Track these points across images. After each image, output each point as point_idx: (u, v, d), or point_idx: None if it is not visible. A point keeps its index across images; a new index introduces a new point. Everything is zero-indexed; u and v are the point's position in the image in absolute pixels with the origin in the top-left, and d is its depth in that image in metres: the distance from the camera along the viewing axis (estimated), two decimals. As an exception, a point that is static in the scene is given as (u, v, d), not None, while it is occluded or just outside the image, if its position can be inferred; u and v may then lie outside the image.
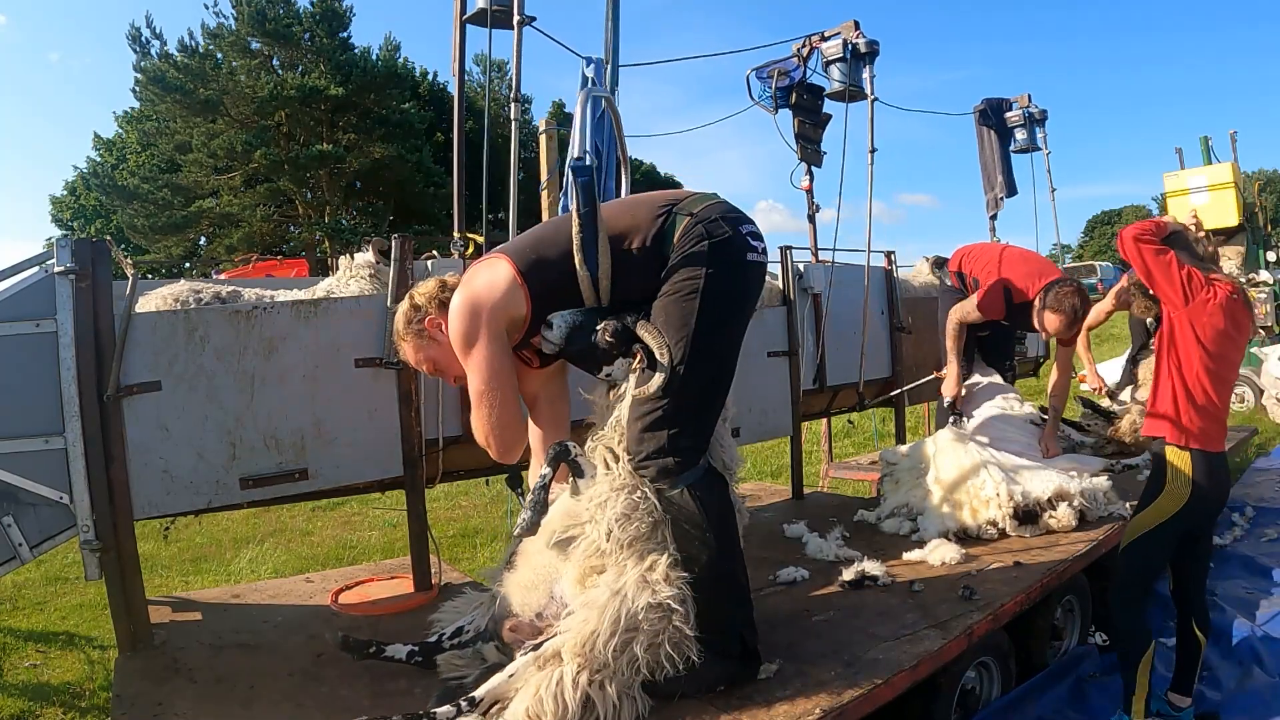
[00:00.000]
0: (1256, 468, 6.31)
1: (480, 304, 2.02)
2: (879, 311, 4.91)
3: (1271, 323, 9.75)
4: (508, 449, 2.13)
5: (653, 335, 1.98)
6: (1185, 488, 2.45)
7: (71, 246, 2.28)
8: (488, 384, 2.03)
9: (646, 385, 1.97)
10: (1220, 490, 2.55)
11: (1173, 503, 2.47)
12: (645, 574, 1.90)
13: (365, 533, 5.95)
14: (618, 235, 2.04)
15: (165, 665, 2.33)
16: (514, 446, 2.14)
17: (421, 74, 30.48)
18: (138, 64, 24.78)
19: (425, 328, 2.17)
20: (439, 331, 2.16)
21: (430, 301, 2.18)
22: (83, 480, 2.28)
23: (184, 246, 26.10)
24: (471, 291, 2.05)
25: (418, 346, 2.21)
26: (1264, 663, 3.00)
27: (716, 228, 2.02)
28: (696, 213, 2.04)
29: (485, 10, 3.14)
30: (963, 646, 2.35)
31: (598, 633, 1.82)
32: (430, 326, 2.17)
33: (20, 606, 4.56)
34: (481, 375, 2.04)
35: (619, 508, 1.93)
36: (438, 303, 2.16)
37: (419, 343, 2.20)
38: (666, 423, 1.96)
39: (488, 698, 1.85)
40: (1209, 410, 2.48)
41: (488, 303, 2.02)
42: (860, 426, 8.96)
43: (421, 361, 2.24)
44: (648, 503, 1.96)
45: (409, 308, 2.20)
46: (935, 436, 3.71)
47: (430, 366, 2.24)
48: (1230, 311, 2.47)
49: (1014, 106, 6.19)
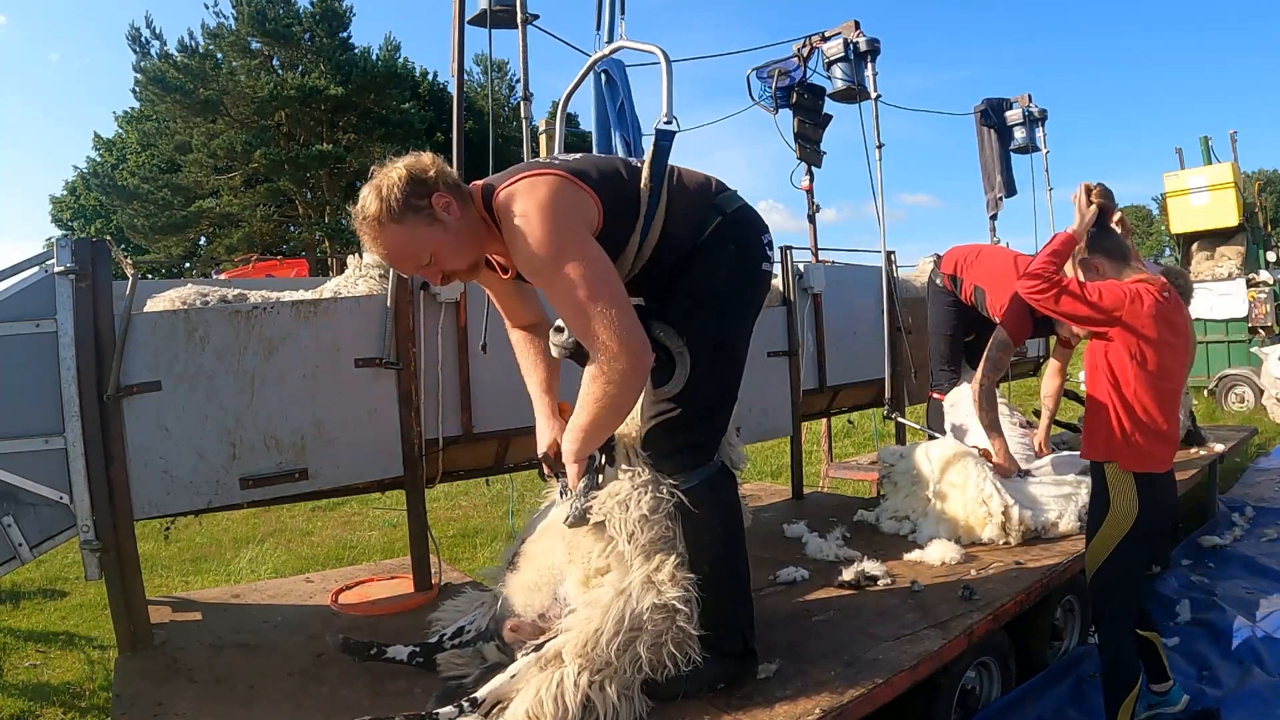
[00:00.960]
0: (1256, 468, 6.32)
1: (564, 201, 1.78)
2: (879, 311, 4.91)
3: (1271, 323, 9.74)
4: (644, 347, 1.79)
5: (670, 337, 1.96)
6: (1131, 508, 2.32)
7: (71, 246, 2.28)
8: (602, 279, 1.75)
9: (667, 385, 1.95)
10: (1168, 506, 2.43)
11: (1118, 529, 2.33)
12: (651, 575, 1.89)
13: (365, 533, 5.95)
14: (671, 209, 1.97)
15: (165, 665, 2.33)
16: (644, 348, 1.80)
17: (421, 74, 30.47)
18: (138, 64, 24.79)
19: (432, 205, 1.78)
20: (448, 212, 1.79)
21: (439, 174, 1.80)
22: (83, 480, 2.28)
23: (184, 246, 26.11)
24: (548, 189, 1.78)
25: (416, 231, 1.78)
26: (1264, 662, 3.00)
27: (744, 234, 2.03)
28: (730, 213, 2.03)
29: (487, 11, 3.15)
30: (963, 646, 2.35)
31: (601, 631, 1.81)
32: (438, 204, 1.78)
33: (20, 606, 4.56)
34: (591, 272, 1.74)
35: (643, 508, 1.90)
36: (445, 180, 1.81)
37: (418, 225, 1.77)
38: (683, 421, 1.96)
39: (490, 698, 1.85)
40: (1153, 429, 2.33)
41: (571, 201, 1.80)
42: (860, 426, 8.96)
43: (417, 251, 1.81)
44: (667, 502, 1.93)
45: (407, 178, 1.76)
46: (934, 446, 3.65)
47: (427, 257, 1.83)
48: (1163, 316, 2.31)
49: (1014, 106, 6.19)
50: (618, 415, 1.88)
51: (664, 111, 2.14)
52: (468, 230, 1.85)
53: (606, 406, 1.82)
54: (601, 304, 1.74)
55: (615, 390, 1.79)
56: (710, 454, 2.02)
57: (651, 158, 1.96)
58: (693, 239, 1.99)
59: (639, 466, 1.98)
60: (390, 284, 2.76)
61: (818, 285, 4.33)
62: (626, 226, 1.91)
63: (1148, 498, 2.32)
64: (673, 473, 1.97)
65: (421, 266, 1.86)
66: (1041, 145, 6.20)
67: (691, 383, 1.94)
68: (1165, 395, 2.35)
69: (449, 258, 1.85)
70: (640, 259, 1.96)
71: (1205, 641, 3.22)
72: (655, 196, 1.93)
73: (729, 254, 1.99)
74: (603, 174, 1.91)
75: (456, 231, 1.82)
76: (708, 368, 1.96)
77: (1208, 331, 10.20)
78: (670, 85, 2.22)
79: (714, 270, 1.99)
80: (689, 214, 1.98)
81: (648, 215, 1.92)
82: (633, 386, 1.82)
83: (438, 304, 2.91)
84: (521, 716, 1.77)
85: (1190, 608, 3.52)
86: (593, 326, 1.75)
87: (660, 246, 1.96)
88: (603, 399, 1.80)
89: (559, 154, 2.11)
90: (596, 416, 1.84)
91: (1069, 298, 2.33)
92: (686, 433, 1.97)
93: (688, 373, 1.93)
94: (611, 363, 1.76)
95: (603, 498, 1.94)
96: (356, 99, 25.48)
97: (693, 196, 2.01)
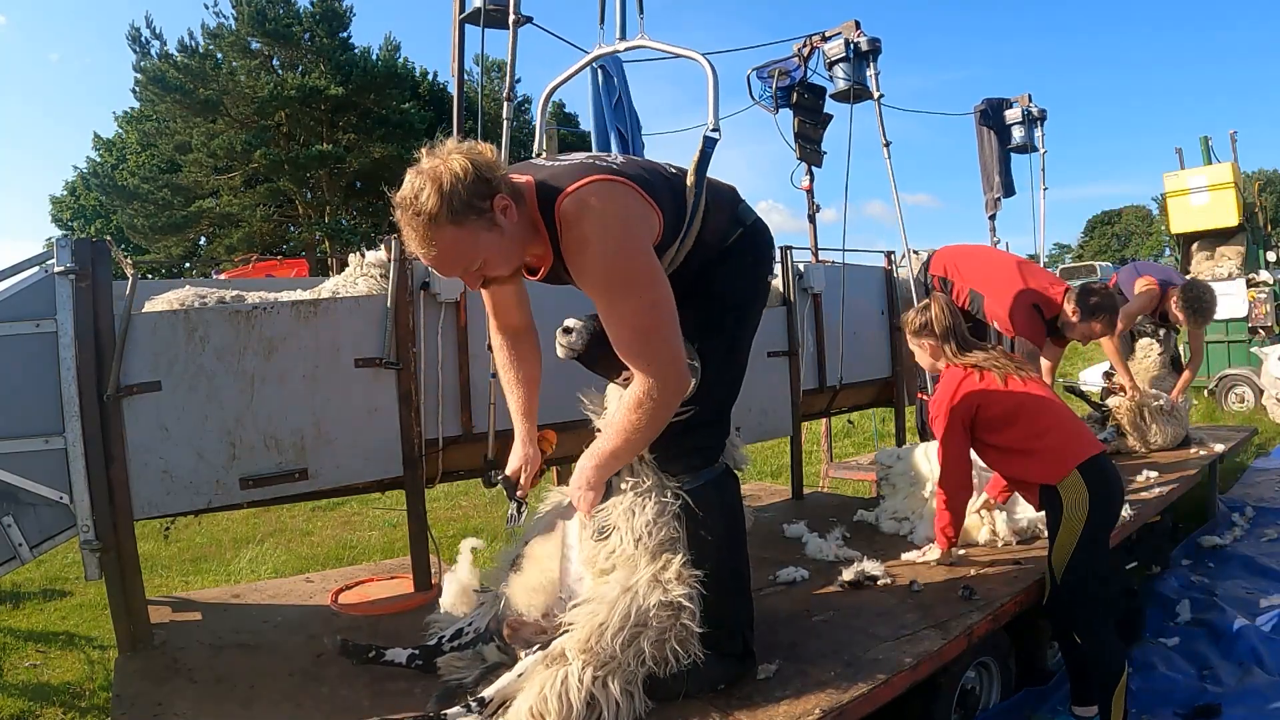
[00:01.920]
0: (1256, 468, 6.32)
1: (637, 218, 1.72)
2: (879, 311, 4.91)
3: (1271, 323, 9.74)
4: (687, 383, 1.79)
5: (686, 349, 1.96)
6: (1083, 499, 2.47)
7: (71, 246, 2.28)
8: (669, 310, 1.72)
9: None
10: (1113, 483, 2.57)
11: (1077, 520, 2.49)
12: (658, 573, 1.89)
13: (365, 533, 5.95)
14: (705, 220, 1.98)
15: (165, 665, 2.33)
16: (684, 386, 1.79)
17: (421, 74, 30.47)
18: (138, 64, 24.82)
19: (494, 207, 1.64)
20: (505, 216, 1.66)
21: (502, 178, 1.67)
22: (83, 480, 2.28)
23: (184, 246, 26.12)
24: (624, 204, 1.72)
25: (474, 234, 1.63)
26: (1264, 662, 3.00)
27: (759, 246, 2.08)
28: (749, 224, 2.07)
29: (480, 10, 3.15)
30: (963, 646, 2.35)
31: (606, 626, 1.82)
32: (498, 207, 1.65)
33: (20, 606, 4.56)
34: (658, 299, 1.71)
35: (649, 513, 1.91)
36: (506, 180, 1.70)
37: (478, 228, 1.63)
38: (694, 424, 1.97)
39: (497, 697, 1.85)
40: (1043, 444, 2.57)
41: (642, 218, 1.74)
42: (860, 426, 8.96)
43: (471, 255, 1.67)
44: (672, 505, 1.95)
45: (472, 176, 1.59)
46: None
47: (478, 263, 1.70)
48: (986, 388, 2.67)
49: (1014, 106, 6.18)
50: (644, 444, 1.86)
51: (711, 119, 2.18)
52: (520, 234, 1.74)
53: (639, 435, 1.81)
54: (660, 336, 1.72)
55: (652, 420, 1.78)
56: (717, 456, 2.05)
57: (696, 163, 1.98)
58: (717, 247, 2.02)
59: (642, 474, 1.98)
60: (390, 284, 2.76)
61: (818, 285, 4.33)
62: (672, 233, 1.89)
63: (1090, 484, 2.47)
64: (680, 474, 1.98)
65: (470, 271, 1.73)
66: (1040, 145, 6.20)
67: (704, 388, 1.96)
68: (1031, 414, 2.63)
69: (499, 263, 1.74)
70: (673, 265, 1.94)
71: (1205, 641, 3.22)
72: (698, 202, 1.94)
73: (747, 264, 2.05)
74: (658, 182, 1.87)
75: (511, 236, 1.70)
76: (719, 373, 2.00)
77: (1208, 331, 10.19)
78: (716, 94, 2.24)
79: (733, 279, 2.03)
80: (718, 223, 2.02)
81: (689, 222, 1.92)
82: (666, 419, 1.81)
83: (438, 304, 2.91)
84: (526, 714, 1.77)
85: (1190, 608, 3.52)
86: (647, 355, 1.72)
87: (691, 253, 1.97)
88: (639, 427, 1.79)
89: (608, 154, 2.07)
90: (627, 443, 1.83)
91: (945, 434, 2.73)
92: (696, 435, 1.99)
93: (697, 385, 1.95)
94: (658, 393, 1.74)
95: (608, 508, 1.95)
96: (356, 99, 25.50)
97: (723, 206, 2.04)
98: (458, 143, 1.68)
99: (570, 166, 1.80)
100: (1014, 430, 2.64)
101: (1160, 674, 2.96)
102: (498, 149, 2.16)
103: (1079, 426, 2.72)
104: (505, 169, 1.74)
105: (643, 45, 3.02)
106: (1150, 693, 2.82)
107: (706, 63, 2.29)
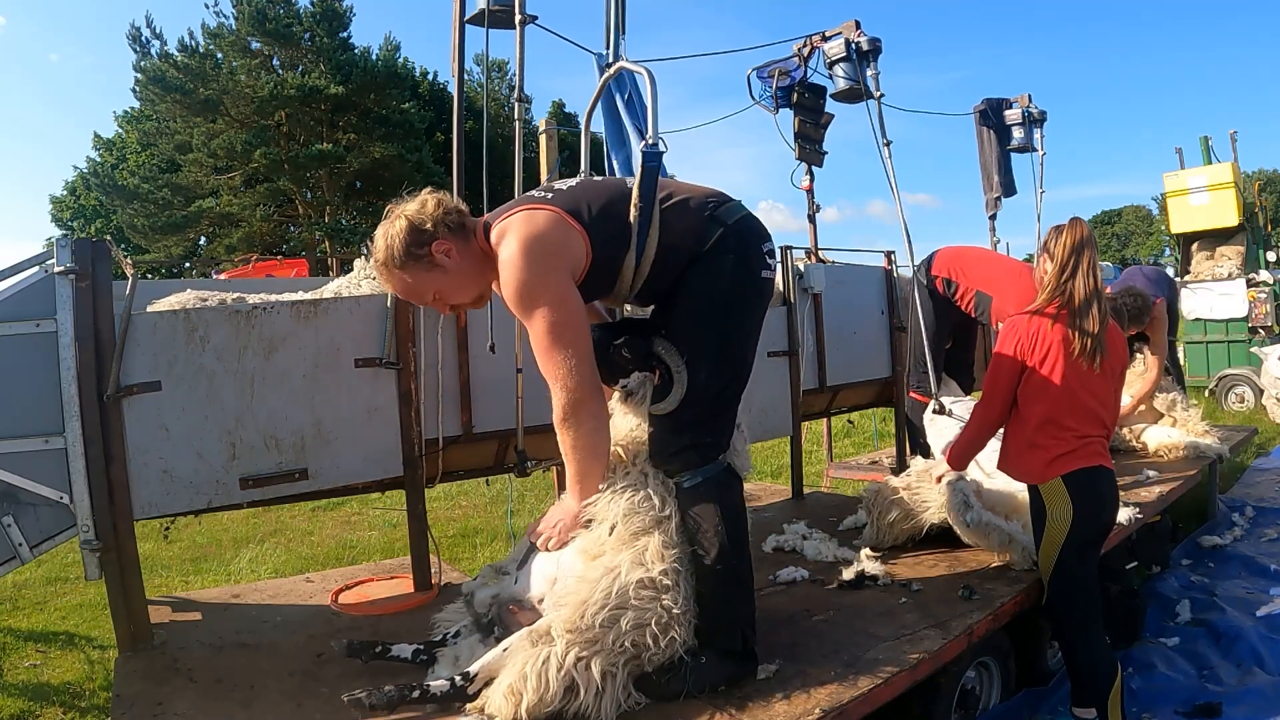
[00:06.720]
0: (1256, 468, 6.33)
1: (549, 242, 1.89)
2: (879, 311, 4.91)
3: (1271, 323, 9.74)
4: (591, 395, 1.93)
5: (670, 354, 2.05)
6: (1067, 509, 2.46)
7: (71, 246, 2.28)
8: (567, 324, 1.87)
9: (664, 402, 2.04)
10: (1105, 497, 2.51)
11: (1059, 528, 2.48)
12: (640, 555, 1.94)
13: (365, 533, 5.95)
14: (667, 229, 2.03)
15: (165, 665, 2.33)
16: (595, 394, 1.95)
17: (421, 74, 30.47)
18: (138, 64, 24.79)
19: (431, 253, 1.94)
20: (448, 257, 1.95)
21: (437, 223, 1.94)
22: (83, 480, 2.28)
23: (184, 246, 26.08)
24: (535, 229, 1.90)
25: (417, 276, 1.96)
26: (1264, 662, 3.00)
27: (744, 244, 2.08)
28: (731, 224, 2.07)
29: (484, 11, 3.13)
30: (963, 646, 2.35)
31: (588, 603, 1.85)
32: (437, 251, 1.94)
33: (20, 606, 4.57)
34: (559, 317, 1.87)
35: (622, 505, 1.99)
36: (445, 225, 1.95)
37: (418, 271, 1.95)
38: (688, 425, 2.03)
39: (482, 672, 1.87)
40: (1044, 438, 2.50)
41: (556, 241, 1.91)
42: (860, 426, 8.97)
43: (421, 291, 2.01)
44: (650, 501, 2.01)
45: (407, 230, 1.92)
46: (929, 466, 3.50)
47: (431, 297, 2.02)
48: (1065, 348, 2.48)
49: (1014, 106, 6.18)
50: (593, 454, 2.00)
51: (650, 133, 2.18)
52: (470, 267, 2.00)
53: (580, 451, 1.98)
54: (562, 353, 1.88)
55: (578, 433, 1.95)
56: (716, 453, 2.06)
57: (640, 179, 2.02)
58: (694, 250, 2.05)
59: (626, 467, 2.07)
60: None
61: (818, 285, 4.33)
62: (620, 250, 2.00)
63: (1079, 498, 2.45)
64: (678, 471, 2.03)
65: (428, 302, 2.06)
66: (1039, 146, 6.19)
67: (695, 387, 2.01)
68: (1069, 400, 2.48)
69: (452, 294, 2.03)
70: (640, 276, 2.05)
71: (1205, 641, 3.22)
72: (646, 218, 2.00)
73: (727, 263, 2.05)
74: (596, 205, 1.99)
75: (457, 271, 1.98)
76: (710, 371, 2.03)
77: (1208, 331, 10.21)
78: (655, 107, 2.24)
79: (713, 279, 2.05)
80: (688, 229, 2.04)
81: (640, 236, 2.00)
82: (595, 427, 1.97)
83: (438, 304, 2.90)
84: (504, 691, 1.79)
85: (1190, 608, 3.52)
86: (550, 370, 1.90)
87: (661, 261, 2.03)
88: (574, 444, 1.97)
89: (556, 181, 2.20)
90: (578, 461, 2.00)
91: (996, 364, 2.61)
92: (691, 433, 2.03)
93: (684, 392, 2.01)
94: (566, 405, 1.92)
95: (596, 499, 2.02)
96: (356, 99, 25.47)
97: (692, 213, 2.06)
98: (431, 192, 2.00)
99: (515, 200, 2.08)
100: (1036, 406, 2.53)
101: (1160, 674, 2.96)
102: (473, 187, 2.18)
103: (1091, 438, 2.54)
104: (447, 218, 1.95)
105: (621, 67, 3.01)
106: (1151, 692, 2.83)
107: (648, 76, 2.30)
